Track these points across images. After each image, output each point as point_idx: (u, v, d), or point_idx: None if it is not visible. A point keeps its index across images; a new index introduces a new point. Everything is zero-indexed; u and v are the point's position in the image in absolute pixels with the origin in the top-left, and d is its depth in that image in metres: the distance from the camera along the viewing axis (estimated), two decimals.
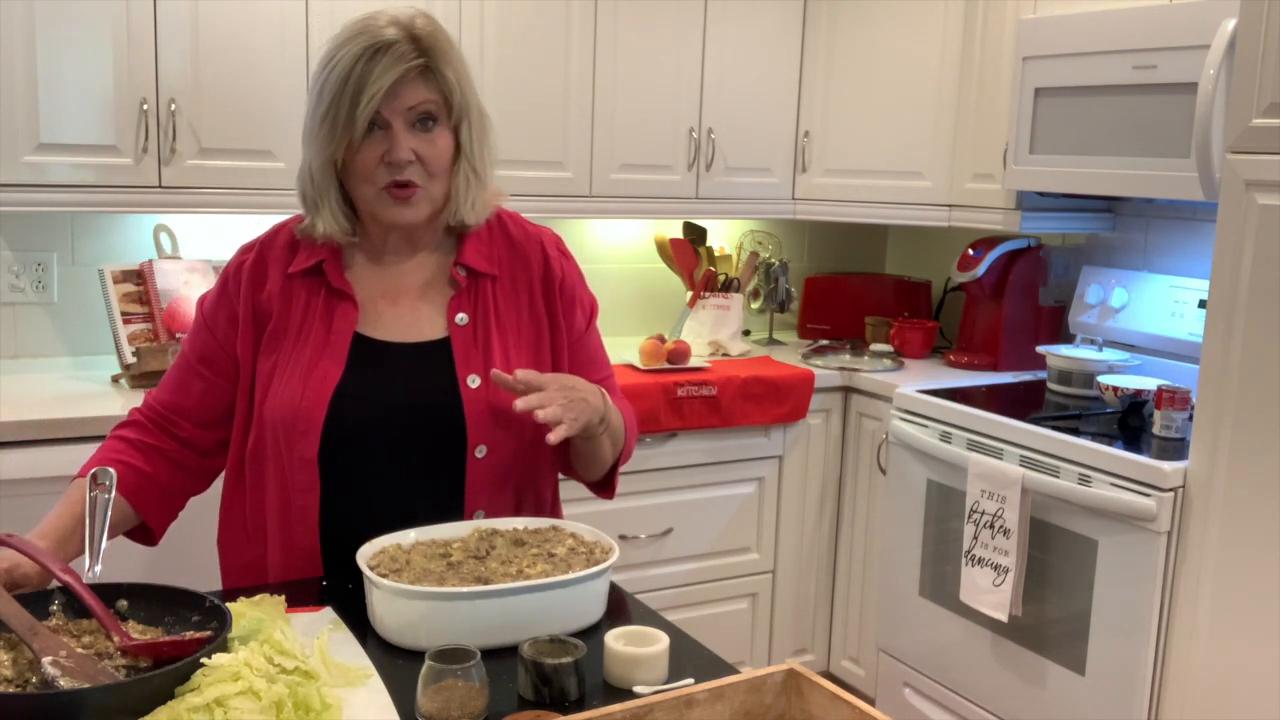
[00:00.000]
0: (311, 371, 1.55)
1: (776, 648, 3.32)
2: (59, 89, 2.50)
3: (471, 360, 1.59)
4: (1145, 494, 2.32)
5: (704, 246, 3.54)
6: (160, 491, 1.60)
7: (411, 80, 1.52)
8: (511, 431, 1.59)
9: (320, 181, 1.57)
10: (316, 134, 1.55)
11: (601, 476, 1.72)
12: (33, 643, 1.18)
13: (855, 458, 3.27)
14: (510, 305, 1.65)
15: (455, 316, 1.61)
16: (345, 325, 1.58)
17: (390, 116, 1.52)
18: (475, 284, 1.64)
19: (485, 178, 1.62)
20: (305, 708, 1.12)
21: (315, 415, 1.53)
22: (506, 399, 1.54)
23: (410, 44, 1.52)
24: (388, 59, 1.50)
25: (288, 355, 1.57)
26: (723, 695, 1.14)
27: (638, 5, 3.15)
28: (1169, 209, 3.11)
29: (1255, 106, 2.15)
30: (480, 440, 1.57)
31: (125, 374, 2.64)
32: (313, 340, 1.57)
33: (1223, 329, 2.21)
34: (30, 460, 2.28)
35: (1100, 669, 2.44)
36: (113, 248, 2.88)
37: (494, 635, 1.33)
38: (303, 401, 1.54)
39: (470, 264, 1.63)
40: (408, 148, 1.52)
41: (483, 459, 1.58)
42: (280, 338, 1.59)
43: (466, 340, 1.60)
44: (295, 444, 1.54)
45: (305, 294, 1.60)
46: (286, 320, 1.59)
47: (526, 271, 1.67)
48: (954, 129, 3.26)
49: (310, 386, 1.54)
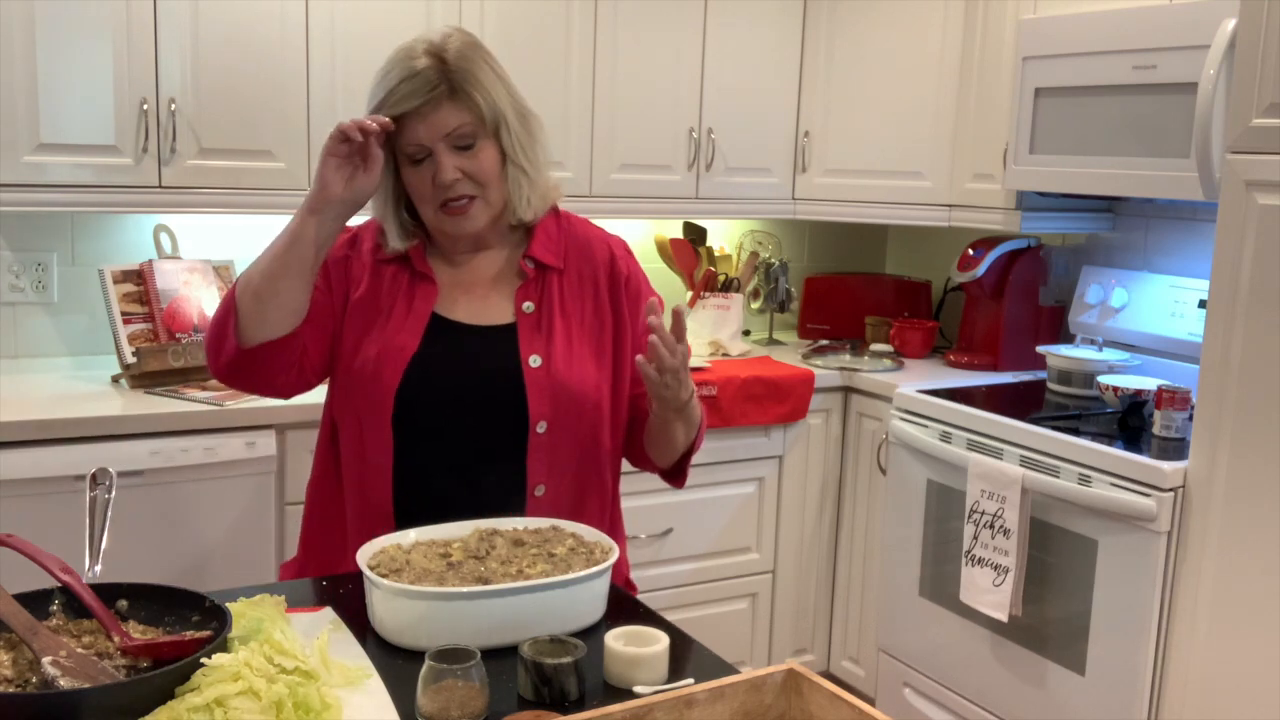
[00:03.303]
0: (391, 343, 1.67)
1: (776, 648, 3.32)
2: (59, 89, 2.50)
3: (534, 343, 1.70)
4: (1145, 494, 2.32)
5: (704, 246, 3.55)
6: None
7: (440, 104, 1.61)
8: (572, 411, 1.69)
9: (382, 209, 1.71)
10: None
11: (672, 464, 1.81)
12: (33, 643, 1.18)
13: (855, 458, 3.27)
14: (575, 297, 1.75)
15: (522, 304, 1.72)
16: (425, 305, 1.70)
17: (430, 144, 1.62)
18: (542, 276, 1.74)
19: (537, 175, 1.72)
20: (305, 708, 1.12)
21: (392, 380, 1.65)
22: (568, 379, 1.67)
23: (436, 72, 1.61)
24: (412, 86, 1.60)
25: (373, 327, 1.69)
26: (723, 695, 1.14)
27: (638, 5, 3.15)
28: (1169, 209, 3.11)
29: (1255, 106, 2.15)
30: (541, 416, 1.67)
31: (125, 374, 2.64)
32: (395, 315, 1.70)
33: (1223, 329, 2.21)
34: (30, 460, 2.28)
35: (1100, 669, 2.44)
36: (113, 248, 2.88)
37: (494, 635, 1.34)
38: (381, 370, 1.66)
39: (538, 257, 1.74)
40: (452, 168, 1.63)
41: (543, 435, 1.68)
42: (367, 310, 1.70)
43: (531, 325, 1.71)
44: (374, 406, 1.66)
45: (391, 276, 1.72)
46: (375, 296, 1.71)
47: (593, 268, 1.78)
48: (954, 129, 3.26)
49: (390, 354, 1.66)
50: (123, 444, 2.36)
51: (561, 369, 1.68)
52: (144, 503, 2.39)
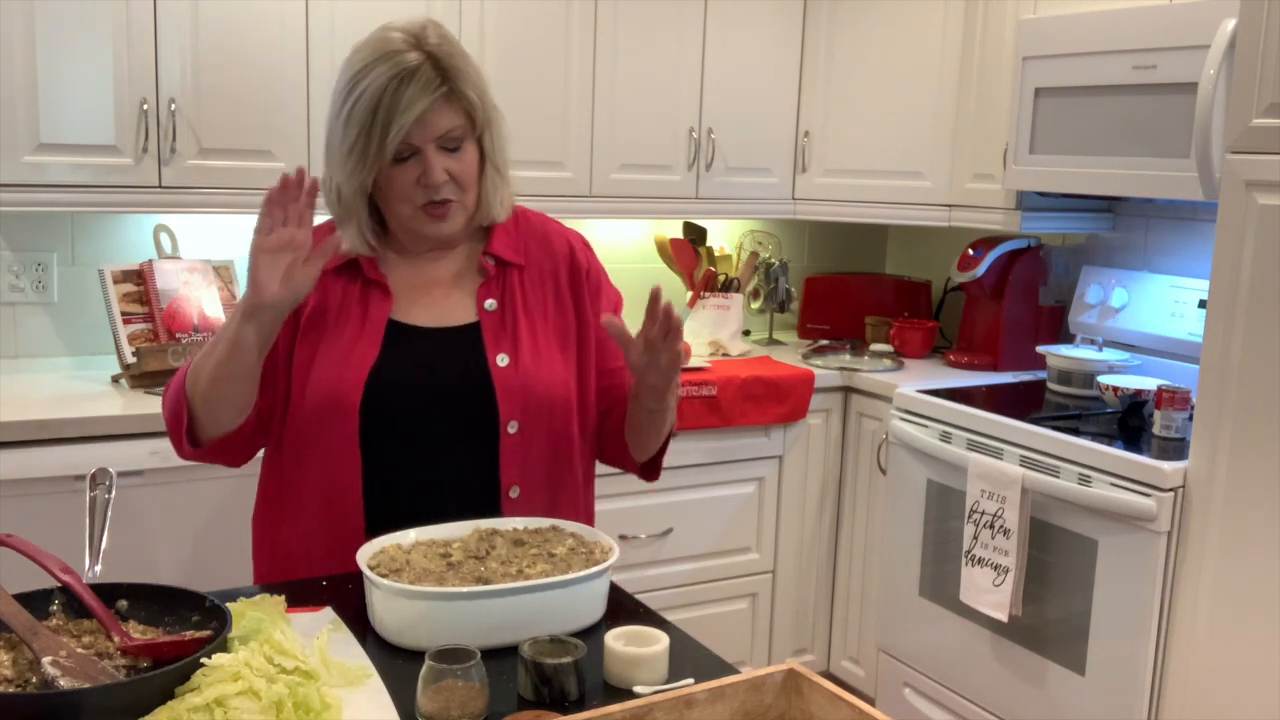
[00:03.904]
0: (349, 355, 1.61)
1: (776, 648, 3.32)
2: (59, 89, 2.50)
3: (501, 341, 1.66)
4: (1145, 494, 2.32)
5: (704, 246, 3.54)
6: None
7: (438, 108, 1.57)
8: (543, 409, 1.66)
9: (349, 203, 1.63)
10: (345, 161, 1.59)
11: (647, 459, 1.77)
12: (33, 643, 1.18)
13: (855, 458, 3.27)
14: (537, 293, 1.71)
15: (484, 302, 1.68)
16: (380, 312, 1.64)
17: (422, 145, 1.57)
18: (503, 273, 1.70)
19: (507, 174, 1.70)
20: (305, 708, 1.12)
21: (354, 395, 1.59)
22: (536, 377, 1.64)
23: (433, 69, 1.56)
24: (414, 88, 1.54)
25: (327, 342, 1.63)
26: (723, 695, 1.14)
27: (638, 5, 3.15)
28: (1169, 209, 3.11)
29: (1255, 106, 2.15)
30: (511, 416, 1.63)
31: (125, 374, 2.64)
32: (350, 327, 1.64)
33: (1223, 329, 2.21)
34: (30, 460, 2.28)
35: (1100, 669, 2.44)
36: (113, 248, 2.88)
37: (494, 635, 1.33)
38: (341, 383, 1.60)
39: (499, 254, 1.70)
40: (441, 169, 1.58)
41: (515, 435, 1.64)
42: (318, 325, 1.64)
43: (495, 324, 1.67)
44: (336, 423, 1.60)
45: (341, 287, 1.66)
46: (324, 309, 1.64)
47: (553, 263, 1.74)
48: (954, 129, 3.26)
49: (349, 368, 1.60)
50: (123, 444, 2.36)
51: (530, 367, 1.65)
52: (144, 503, 2.39)
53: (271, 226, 1.44)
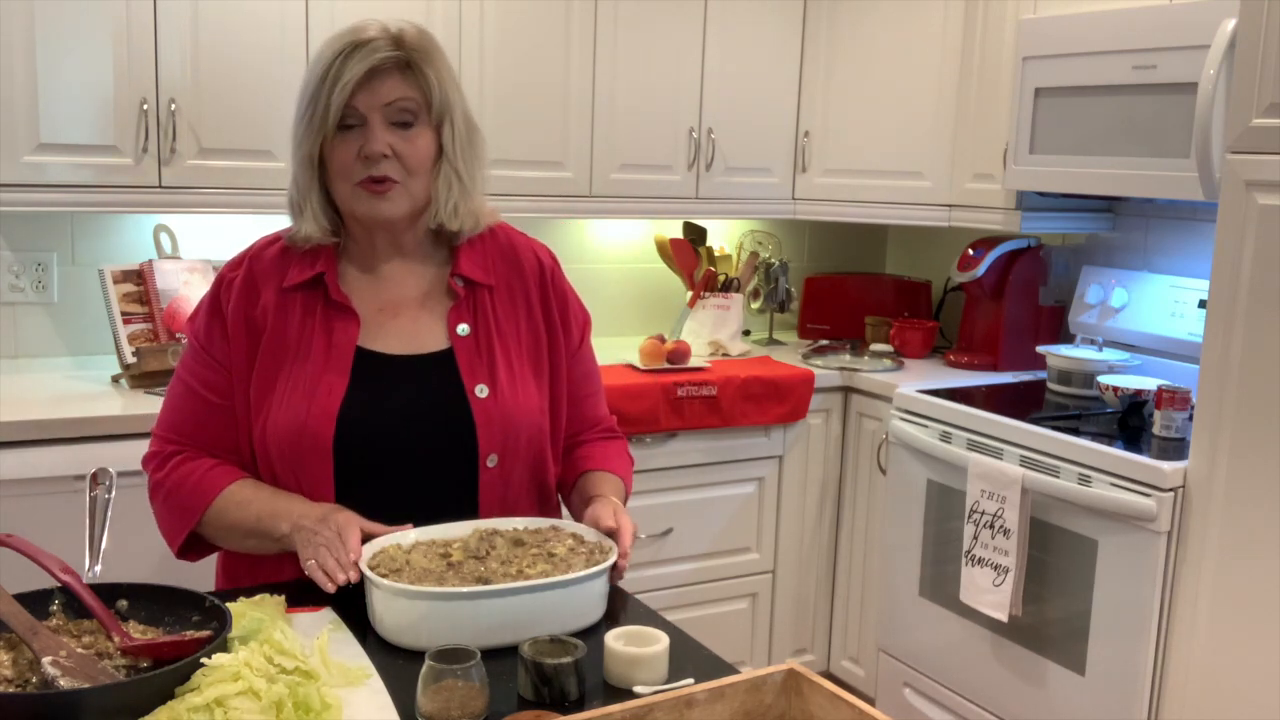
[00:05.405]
0: (316, 388, 1.53)
1: (776, 648, 3.32)
2: (59, 89, 2.50)
3: (477, 370, 1.59)
4: (1145, 494, 2.32)
5: (704, 246, 3.54)
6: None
7: (389, 75, 1.53)
8: (521, 440, 1.60)
9: (302, 182, 1.57)
10: (296, 132, 1.56)
11: None
12: (33, 643, 1.18)
13: (855, 458, 3.27)
14: (509, 315, 1.65)
15: (456, 327, 1.60)
16: (347, 339, 1.56)
17: (367, 112, 1.52)
18: (473, 294, 1.63)
19: (471, 185, 1.61)
20: (305, 708, 1.12)
21: (324, 433, 1.52)
22: (515, 407, 1.57)
23: (390, 42, 1.53)
24: (363, 52, 1.52)
25: (288, 371, 1.55)
26: (723, 695, 1.14)
27: (638, 5, 3.15)
28: (1169, 209, 3.11)
29: (1255, 106, 2.15)
30: (491, 449, 1.57)
31: (125, 374, 2.64)
32: (314, 355, 1.55)
33: (1223, 329, 2.21)
34: (30, 460, 2.28)
35: (1100, 669, 2.44)
36: (113, 248, 2.88)
37: (494, 635, 1.33)
38: (309, 419, 1.52)
39: (467, 274, 1.63)
40: (384, 142, 1.52)
41: (494, 468, 1.59)
42: (278, 353, 1.56)
43: (470, 350, 1.60)
44: (306, 462, 1.53)
45: (302, 308, 1.58)
46: (284, 335, 1.56)
47: (523, 282, 1.67)
48: (954, 129, 3.26)
49: (316, 403, 1.52)
50: (123, 444, 2.35)
51: (508, 397, 1.57)
52: (144, 503, 2.38)
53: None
